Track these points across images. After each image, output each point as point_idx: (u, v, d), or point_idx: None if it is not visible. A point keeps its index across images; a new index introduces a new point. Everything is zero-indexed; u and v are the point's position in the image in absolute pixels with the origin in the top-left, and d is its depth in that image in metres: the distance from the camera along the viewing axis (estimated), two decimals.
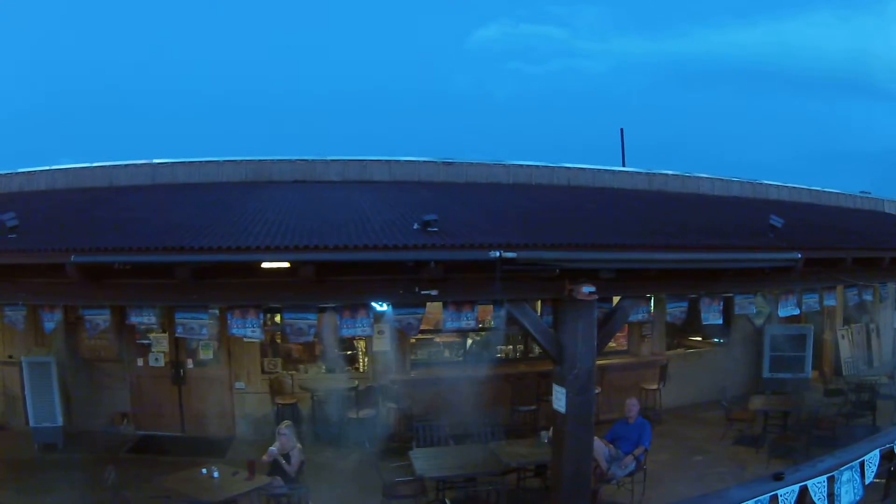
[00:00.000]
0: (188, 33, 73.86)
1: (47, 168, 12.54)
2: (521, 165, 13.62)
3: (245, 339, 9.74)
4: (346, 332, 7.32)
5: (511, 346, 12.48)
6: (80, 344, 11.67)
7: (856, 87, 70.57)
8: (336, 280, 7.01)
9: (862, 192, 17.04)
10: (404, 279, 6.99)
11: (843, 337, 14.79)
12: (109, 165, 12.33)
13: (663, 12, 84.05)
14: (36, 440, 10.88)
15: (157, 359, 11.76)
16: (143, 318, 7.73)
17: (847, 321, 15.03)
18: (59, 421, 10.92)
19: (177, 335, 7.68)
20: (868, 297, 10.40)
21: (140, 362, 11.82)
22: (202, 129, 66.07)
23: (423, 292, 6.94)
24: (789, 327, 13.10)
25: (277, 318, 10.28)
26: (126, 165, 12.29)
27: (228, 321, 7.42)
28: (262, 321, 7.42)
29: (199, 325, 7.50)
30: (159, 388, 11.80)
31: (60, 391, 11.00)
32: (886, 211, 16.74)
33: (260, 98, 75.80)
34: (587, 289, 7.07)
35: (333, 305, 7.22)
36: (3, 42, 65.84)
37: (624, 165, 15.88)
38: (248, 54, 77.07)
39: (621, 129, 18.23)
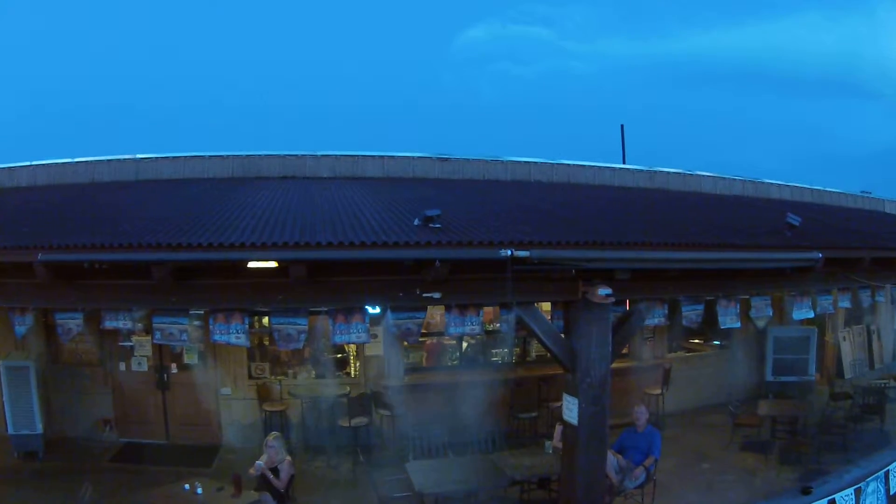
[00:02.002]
0: (180, 33, 72.13)
1: (28, 164, 11.67)
2: (520, 162, 12.84)
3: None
4: (340, 339, 6.46)
5: (507, 350, 11.67)
6: (60, 347, 10.79)
7: (845, 89, 69.70)
8: (328, 281, 6.18)
9: (863, 191, 16.42)
10: (404, 280, 6.17)
11: (844, 339, 14.12)
12: (92, 161, 11.46)
13: (650, 13, 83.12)
14: (15, 448, 10.03)
15: (140, 363, 10.88)
16: (120, 323, 6.90)
17: (848, 323, 14.36)
18: (39, 428, 10.04)
19: (154, 341, 6.86)
20: (881, 299, 9.75)
21: (123, 366, 10.94)
22: (191, 130, 64.57)
23: (424, 295, 6.12)
24: (792, 329, 12.39)
25: (265, 321, 9.45)
26: (108, 161, 11.42)
27: (211, 326, 6.59)
28: (247, 326, 6.61)
29: (179, 331, 6.69)
30: (143, 394, 10.91)
31: (40, 397, 10.13)
32: (887, 211, 16.14)
33: (245, 100, 74.07)
34: (603, 291, 6.30)
35: (326, 309, 6.40)
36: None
37: (624, 163, 15.16)
38: (234, 55, 75.24)
39: (622, 126, 17.46)
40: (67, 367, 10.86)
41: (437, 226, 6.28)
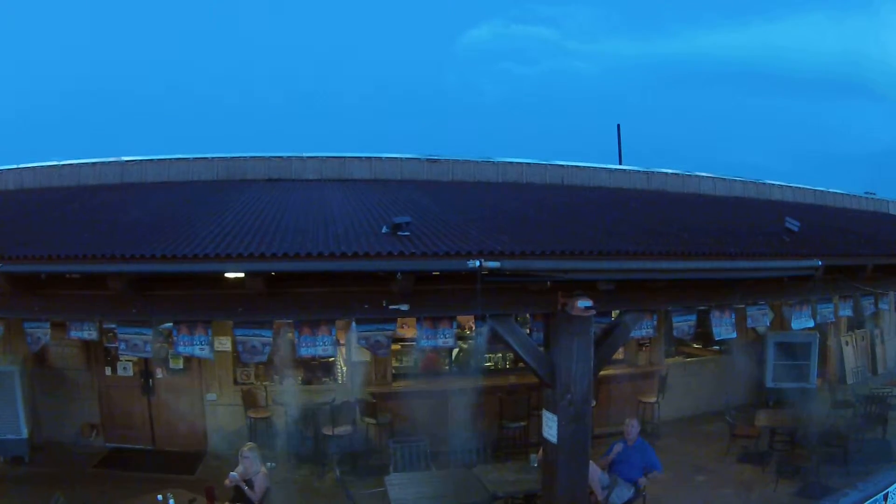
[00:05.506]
0: (173, 32, 71.82)
1: (15, 166, 11.29)
2: (512, 163, 12.23)
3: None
4: (306, 352, 5.98)
5: (501, 356, 11.13)
6: (46, 352, 10.37)
7: (849, 89, 68.32)
8: (290, 293, 5.70)
9: (867, 192, 15.67)
10: (370, 291, 5.66)
11: (846, 344, 13.42)
12: (77, 164, 11.04)
13: (653, 13, 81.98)
14: (0, 453, 9.73)
15: (125, 368, 10.48)
16: (85, 333, 6.52)
17: (851, 328, 13.67)
18: (25, 433, 9.74)
19: (120, 352, 6.43)
20: (884, 307, 9.12)
21: (108, 371, 10.56)
22: (187, 130, 64.16)
23: (391, 307, 5.60)
24: (793, 335, 11.70)
25: None
26: (93, 164, 10.99)
27: (174, 337, 6.18)
28: (211, 337, 6.17)
29: (143, 342, 6.26)
30: (129, 399, 10.52)
31: (26, 401, 9.81)
32: (890, 212, 15.40)
33: (245, 99, 73.73)
34: (583, 303, 5.73)
35: (290, 321, 5.93)
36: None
37: (621, 164, 14.53)
38: (235, 53, 74.94)
39: (618, 126, 16.72)
40: (53, 371, 10.49)
41: (406, 234, 5.76)
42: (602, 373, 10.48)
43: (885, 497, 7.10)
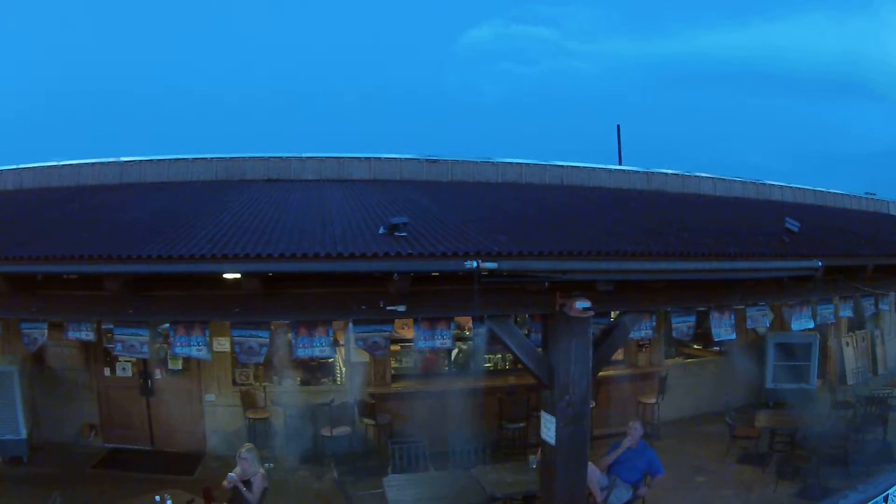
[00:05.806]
0: (173, 32, 71.65)
1: (15, 167, 11.27)
2: (511, 163, 12.21)
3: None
4: (303, 353, 5.95)
5: (500, 357, 11.10)
6: (45, 352, 10.35)
7: (849, 89, 68.19)
8: (287, 294, 5.68)
9: (867, 193, 15.63)
10: (368, 292, 5.64)
11: (847, 344, 13.38)
12: (76, 164, 11.03)
13: (654, 13, 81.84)
14: (0, 454, 9.68)
15: (124, 368, 10.45)
16: (82, 334, 6.50)
17: (851, 328, 13.63)
18: (24, 433, 9.70)
19: (116, 353, 6.42)
20: (885, 307, 9.08)
21: (107, 371, 10.53)
22: (186, 130, 63.98)
23: (388, 308, 5.57)
24: (793, 335, 11.68)
25: None
26: (92, 164, 10.98)
27: (171, 339, 6.16)
28: (208, 338, 6.14)
29: (140, 343, 6.23)
30: (127, 400, 10.49)
31: (25, 402, 9.78)
32: (890, 212, 15.37)
33: (245, 98, 73.48)
34: (581, 304, 5.70)
35: (287, 322, 5.90)
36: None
37: (621, 164, 14.49)
38: (235, 53, 74.77)
39: (618, 126, 16.68)
40: (52, 371, 10.46)
41: (403, 234, 5.74)
42: (601, 374, 10.45)
43: (886, 499, 7.08)
